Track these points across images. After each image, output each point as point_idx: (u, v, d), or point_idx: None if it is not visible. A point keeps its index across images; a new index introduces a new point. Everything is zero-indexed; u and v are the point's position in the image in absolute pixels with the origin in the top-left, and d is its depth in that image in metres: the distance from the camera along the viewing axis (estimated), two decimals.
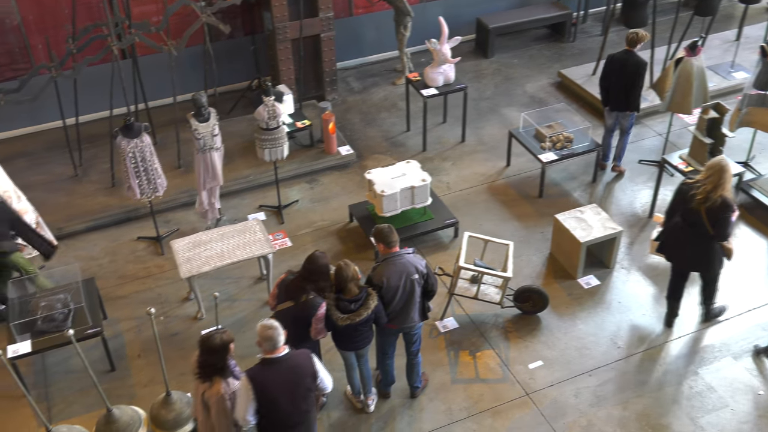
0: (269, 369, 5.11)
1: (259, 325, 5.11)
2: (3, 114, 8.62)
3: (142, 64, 9.56)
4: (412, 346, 6.57)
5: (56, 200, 9.10)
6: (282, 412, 5.18)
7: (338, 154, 9.89)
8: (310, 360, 5.31)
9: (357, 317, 5.89)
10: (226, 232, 7.70)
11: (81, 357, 5.84)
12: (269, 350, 5.10)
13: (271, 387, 5.09)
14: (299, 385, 5.20)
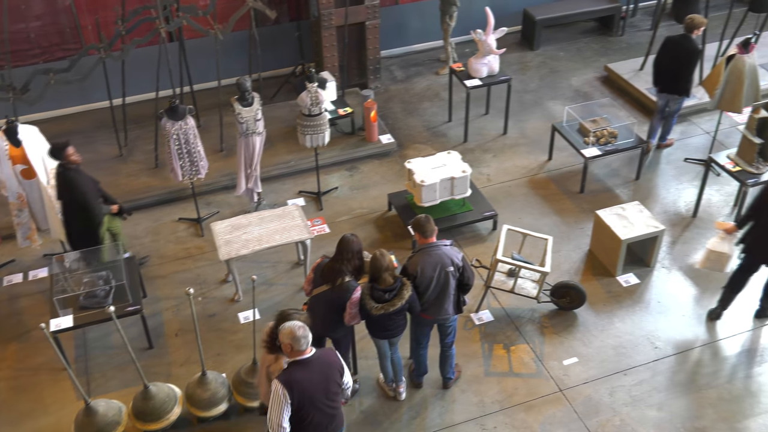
0: (303, 370, 4.96)
1: (287, 327, 4.93)
2: (53, 93, 8.78)
3: (188, 47, 9.66)
4: (446, 337, 6.57)
5: (101, 179, 9.14)
6: (321, 411, 5.08)
7: (379, 143, 9.89)
8: (336, 356, 5.26)
9: (391, 307, 5.90)
10: (265, 217, 7.77)
11: (121, 334, 5.96)
12: (299, 351, 4.95)
13: (309, 388, 4.97)
14: (332, 381, 5.13)
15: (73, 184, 7.15)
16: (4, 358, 7.26)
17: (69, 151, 7.08)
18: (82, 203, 7.21)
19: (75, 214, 7.29)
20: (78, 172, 7.20)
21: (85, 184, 7.23)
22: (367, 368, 7.01)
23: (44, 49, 10.12)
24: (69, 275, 7.20)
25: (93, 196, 7.30)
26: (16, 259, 8.34)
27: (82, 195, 7.18)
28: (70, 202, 7.24)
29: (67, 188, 7.17)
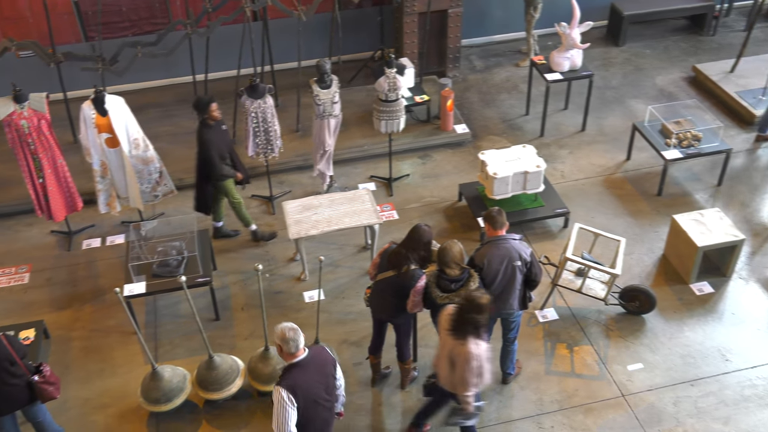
0: (302, 372, 4.92)
1: (279, 329, 4.88)
2: (139, 66, 9.05)
3: (271, 27, 9.79)
4: (509, 332, 6.50)
5: (179, 152, 9.50)
6: (324, 409, 5.10)
7: (453, 132, 9.83)
8: (328, 351, 5.25)
9: (456, 297, 5.87)
10: (336, 199, 7.83)
11: (190, 303, 6.11)
12: (294, 351, 4.90)
13: (312, 389, 4.96)
14: (330, 377, 5.14)
15: (202, 138, 7.52)
16: (79, 319, 7.56)
17: (212, 107, 7.45)
18: (206, 157, 7.58)
19: (199, 167, 7.70)
20: (212, 129, 7.57)
21: (213, 141, 7.56)
22: (427, 356, 7.01)
23: (133, 23, 10.42)
24: (144, 243, 7.43)
25: (217, 153, 7.61)
26: (96, 224, 8.65)
27: (207, 150, 7.54)
28: (198, 155, 7.65)
29: (198, 141, 7.58)
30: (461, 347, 5.33)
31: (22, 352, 5.69)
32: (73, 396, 6.78)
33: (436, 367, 5.73)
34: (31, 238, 8.57)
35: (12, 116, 7.39)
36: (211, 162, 7.61)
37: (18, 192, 8.71)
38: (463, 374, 5.40)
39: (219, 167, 7.66)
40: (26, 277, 8.05)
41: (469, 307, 5.29)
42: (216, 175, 7.71)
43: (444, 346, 5.54)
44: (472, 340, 5.31)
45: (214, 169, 7.66)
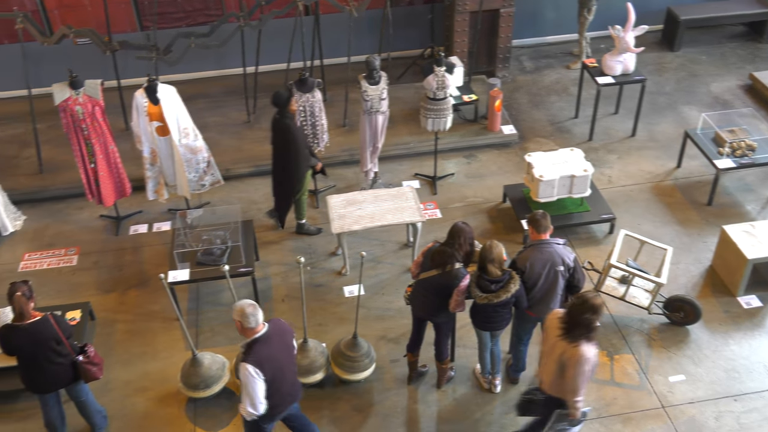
0: (265, 346, 5.13)
1: (238, 306, 5.08)
2: (192, 56, 9.18)
3: (322, 21, 9.85)
4: None
5: (227, 142, 9.63)
6: (288, 381, 5.35)
7: (500, 133, 9.76)
8: (282, 321, 5.42)
9: (495, 298, 5.84)
10: (379, 195, 7.85)
11: (231, 292, 6.19)
12: (254, 326, 5.10)
13: (278, 360, 5.19)
14: (291, 346, 5.40)
15: (288, 131, 7.56)
16: (124, 302, 7.71)
17: (292, 101, 7.55)
18: (293, 149, 7.62)
19: (282, 160, 7.73)
20: (293, 121, 7.62)
21: (298, 133, 7.64)
22: (465, 357, 6.99)
23: (188, 14, 10.58)
24: (189, 231, 7.54)
25: (302, 145, 7.71)
26: (143, 211, 8.81)
27: (294, 142, 7.59)
28: (282, 148, 7.68)
29: (282, 134, 7.60)
30: (573, 350, 5.17)
31: (69, 332, 5.83)
32: (115, 378, 6.92)
33: (542, 374, 5.57)
34: (81, 221, 8.77)
35: (68, 102, 7.57)
36: (299, 154, 7.65)
37: (70, 176, 8.92)
38: (574, 379, 5.22)
39: (306, 159, 7.74)
40: (75, 259, 8.25)
41: (583, 308, 5.12)
42: (306, 165, 7.78)
43: (552, 351, 5.36)
44: (585, 343, 5.16)
45: (301, 160, 7.70)
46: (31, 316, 5.62)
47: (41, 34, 8.74)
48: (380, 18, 9.89)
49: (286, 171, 7.77)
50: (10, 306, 5.62)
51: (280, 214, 8.18)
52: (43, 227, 8.68)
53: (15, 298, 5.53)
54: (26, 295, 5.57)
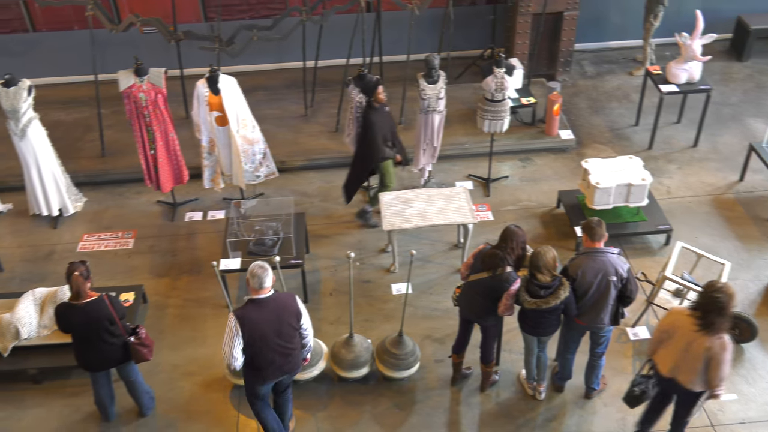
0: (256, 307, 5.35)
1: (252, 264, 5.36)
2: (253, 48, 9.30)
3: (384, 18, 9.86)
4: (597, 347, 6.33)
5: (284, 135, 9.74)
6: (273, 350, 5.47)
7: (558, 137, 9.63)
8: (295, 301, 5.50)
9: (544, 304, 5.77)
10: (432, 194, 7.83)
11: (281, 283, 6.25)
12: (256, 289, 5.34)
13: (260, 324, 5.35)
14: (285, 322, 5.44)
15: (367, 120, 7.68)
16: (176, 288, 7.86)
17: (378, 90, 7.61)
18: (369, 138, 7.73)
19: (360, 146, 7.88)
20: (377, 111, 7.70)
21: (377, 123, 7.71)
22: (510, 361, 6.93)
23: (251, 6, 10.72)
24: (243, 221, 7.65)
25: (380, 135, 7.77)
26: (199, 198, 8.97)
27: (371, 131, 7.69)
28: (361, 135, 7.83)
29: (363, 122, 7.75)
30: (718, 341, 5.26)
31: (122, 313, 5.97)
32: (163, 360, 7.06)
33: (682, 373, 5.53)
34: (139, 206, 8.97)
35: (132, 88, 7.75)
36: (374, 142, 7.74)
37: (131, 161, 9.14)
38: (722, 368, 5.32)
39: (380, 148, 7.81)
40: (131, 242, 8.45)
41: (719, 300, 5.18)
42: (376, 155, 7.84)
43: (691, 349, 5.35)
44: (723, 332, 5.27)
45: (375, 150, 7.79)
46: (87, 295, 5.78)
47: (110, 21, 8.96)
48: (441, 17, 9.86)
49: (358, 155, 7.94)
50: (68, 285, 5.78)
51: (348, 192, 8.27)
52: (102, 210, 8.91)
53: (73, 277, 5.69)
54: (84, 275, 5.73)
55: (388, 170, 8.03)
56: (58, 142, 8.64)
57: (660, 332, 5.59)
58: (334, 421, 6.53)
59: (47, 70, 10.69)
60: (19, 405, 6.74)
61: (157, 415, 6.62)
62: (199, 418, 6.59)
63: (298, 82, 10.20)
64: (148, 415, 6.59)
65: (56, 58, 10.73)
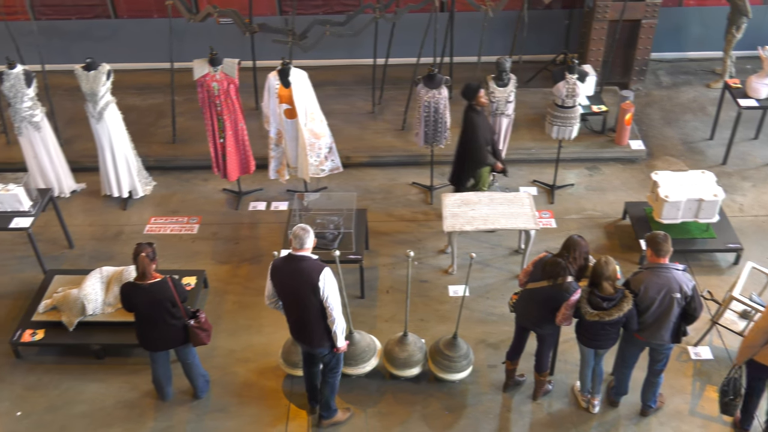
0: (286, 262, 5.70)
1: (296, 226, 5.69)
2: (325, 43, 9.38)
3: (457, 19, 9.81)
4: (656, 363, 6.17)
5: (350, 131, 9.80)
6: (291, 305, 5.79)
7: (627, 147, 9.43)
8: (321, 272, 5.61)
9: (607, 316, 5.66)
10: (495, 198, 7.76)
11: (339, 277, 6.28)
12: (297, 248, 5.64)
13: (283, 278, 5.71)
14: (303, 283, 5.63)
15: (471, 123, 7.64)
16: (237, 275, 8.00)
17: (480, 94, 7.57)
18: (472, 143, 7.69)
19: (464, 151, 7.84)
20: (480, 115, 7.67)
21: (481, 128, 7.67)
22: (565, 372, 6.82)
23: (325, 2, 10.83)
24: (305, 213, 7.73)
25: (483, 140, 7.72)
26: (264, 189, 9.11)
27: (474, 135, 7.66)
28: (464, 140, 7.79)
29: (466, 126, 7.71)
30: None
31: (184, 296, 6.11)
32: (220, 345, 7.20)
33: None
34: (205, 192, 9.17)
35: (205, 77, 7.91)
36: (478, 146, 7.68)
37: (200, 148, 9.34)
38: None
39: (484, 153, 7.74)
40: (195, 228, 8.64)
41: None
42: (479, 160, 7.78)
43: None
44: None
45: (479, 154, 7.72)
46: (152, 277, 5.93)
47: (188, 11, 9.17)
48: (515, 19, 9.77)
49: (460, 161, 7.91)
50: (134, 265, 5.95)
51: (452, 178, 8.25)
52: (170, 194, 9.14)
53: (139, 258, 5.85)
54: (150, 256, 5.88)
55: (485, 177, 7.96)
56: (132, 126, 8.90)
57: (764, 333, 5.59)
58: (383, 417, 6.55)
59: (126, 55, 11.02)
60: (81, 378, 6.97)
61: (211, 398, 6.76)
62: (251, 405, 6.69)
63: (368, 79, 10.25)
64: (202, 398, 6.73)
65: (135, 45, 11.05)
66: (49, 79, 9.55)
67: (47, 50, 9.70)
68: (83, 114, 8.47)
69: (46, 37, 10.47)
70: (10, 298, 7.78)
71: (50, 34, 10.80)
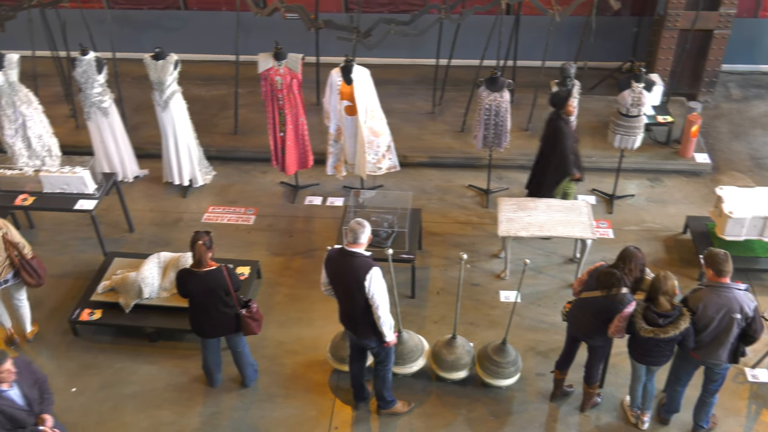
0: (338, 255, 5.76)
1: (352, 221, 5.73)
2: (389, 42, 9.39)
3: (523, 22, 9.72)
4: (711, 383, 6.01)
5: (409, 130, 9.79)
6: (339, 295, 5.91)
7: (692, 160, 9.19)
8: (368, 271, 5.62)
9: (662, 333, 5.51)
10: (552, 205, 7.66)
11: (391, 276, 6.30)
12: (351, 242, 5.69)
13: (334, 268, 5.81)
14: (352, 279, 5.67)
15: (560, 132, 7.51)
16: (290, 268, 8.08)
17: (570, 102, 7.45)
18: (560, 152, 7.54)
19: (548, 160, 7.73)
20: (567, 124, 7.54)
21: (569, 137, 7.54)
22: (615, 385, 6.69)
23: (391, 0, 10.84)
24: (360, 210, 7.75)
25: (570, 150, 7.59)
26: (320, 184, 9.19)
27: (563, 145, 7.52)
28: (551, 148, 7.66)
29: (554, 135, 7.57)
30: None
31: (237, 285, 6.20)
32: (270, 336, 7.29)
33: None
34: (263, 184, 9.29)
35: (269, 71, 8.01)
36: (565, 156, 7.55)
37: (260, 141, 9.47)
38: None
39: (571, 163, 7.60)
40: (252, 219, 8.76)
41: None
42: (565, 169, 7.65)
43: None
44: None
45: (567, 163, 7.59)
46: (207, 265, 6.04)
47: (256, 5, 9.30)
48: (582, 25, 9.61)
49: (542, 169, 7.79)
50: (191, 252, 6.06)
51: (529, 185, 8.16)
52: (228, 185, 9.29)
53: (197, 246, 5.96)
54: (206, 244, 5.99)
55: (569, 186, 7.87)
56: (195, 116, 9.07)
57: None
58: (428, 419, 6.53)
59: (193, 47, 11.24)
60: (134, 359, 7.14)
61: (258, 388, 6.85)
62: (297, 397, 6.76)
63: (429, 79, 10.23)
64: (249, 386, 6.83)
65: (203, 37, 11.27)
66: (119, 66, 9.80)
67: (119, 39, 9.97)
68: (150, 102, 8.67)
69: (118, 25, 10.77)
70: (71, 277, 8.02)
71: (122, 23, 11.10)
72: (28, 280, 6.77)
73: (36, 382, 5.43)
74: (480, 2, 9.12)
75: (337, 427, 6.51)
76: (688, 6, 9.44)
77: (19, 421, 5.26)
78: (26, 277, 6.75)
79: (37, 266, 6.77)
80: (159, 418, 6.63)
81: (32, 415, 5.33)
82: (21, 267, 6.68)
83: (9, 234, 6.57)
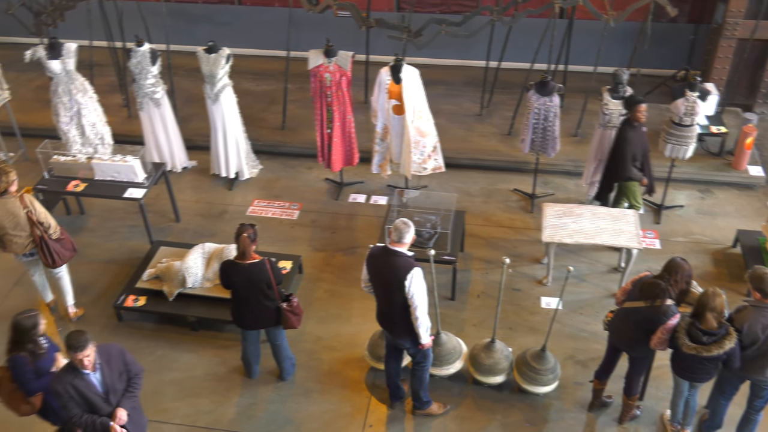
0: (381, 253, 5.77)
1: (398, 219, 5.75)
2: (439, 42, 9.37)
3: (576, 27, 9.60)
4: (757, 400, 5.86)
5: (455, 132, 9.76)
6: (379, 291, 5.91)
7: (745, 173, 8.98)
8: (409, 271, 5.61)
9: (705, 351, 5.37)
10: (598, 212, 7.55)
11: (432, 277, 6.28)
12: (395, 241, 5.69)
13: (375, 267, 5.82)
14: (392, 278, 5.65)
15: (622, 136, 7.44)
16: (330, 264, 8.12)
17: (640, 108, 7.31)
18: (620, 154, 7.47)
19: (610, 163, 7.70)
20: (634, 129, 7.40)
21: (631, 142, 7.41)
22: (655, 398, 6.57)
23: (443, 1, 10.81)
24: (403, 210, 7.75)
25: (630, 153, 7.46)
26: (365, 181, 9.21)
27: (622, 149, 7.44)
28: (614, 151, 7.60)
29: (617, 137, 7.53)
30: None
31: (279, 279, 6.26)
32: (309, 331, 7.33)
33: None
34: (308, 180, 9.35)
35: (319, 68, 8.06)
36: (623, 160, 7.46)
37: (307, 137, 9.54)
38: None
39: (627, 167, 7.50)
40: (296, 214, 8.83)
41: None
42: (622, 174, 7.58)
43: None
44: None
45: (623, 167, 7.51)
46: (251, 257, 6.10)
47: (308, 2, 9.37)
48: (636, 31, 9.46)
49: (609, 170, 7.75)
50: (235, 244, 6.14)
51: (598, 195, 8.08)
52: (274, 179, 9.38)
53: (241, 238, 6.03)
54: (251, 237, 6.05)
55: (633, 191, 7.72)
56: (245, 110, 9.18)
57: None
58: (462, 422, 6.50)
59: (246, 41, 11.37)
60: (175, 347, 7.26)
61: (295, 382, 6.90)
62: (333, 393, 6.79)
63: (478, 81, 10.17)
64: (286, 380, 6.89)
65: (255, 32, 11.40)
66: (173, 58, 9.97)
67: (173, 31, 10.13)
68: (201, 94, 8.80)
69: (173, 18, 10.95)
70: (118, 263, 8.19)
71: (177, 16, 11.28)
72: (42, 260, 6.98)
73: (125, 373, 5.40)
74: (533, 5, 9.04)
75: (372, 425, 6.53)
76: (748, 15, 9.21)
77: (94, 406, 5.26)
78: (42, 256, 6.96)
79: (55, 249, 6.96)
80: (197, 406, 6.73)
81: (108, 403, 5.30)
82: (39, 245, 6.90)
83: (34, 212, 6.76)
